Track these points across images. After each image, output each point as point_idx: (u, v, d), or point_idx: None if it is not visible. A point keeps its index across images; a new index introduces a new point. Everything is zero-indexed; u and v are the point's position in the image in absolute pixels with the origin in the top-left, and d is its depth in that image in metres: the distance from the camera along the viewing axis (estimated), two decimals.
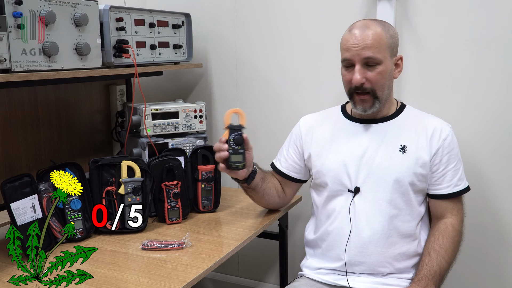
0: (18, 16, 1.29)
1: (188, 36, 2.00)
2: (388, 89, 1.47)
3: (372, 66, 1.41)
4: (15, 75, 1.31)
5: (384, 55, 1.41)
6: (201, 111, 1.89)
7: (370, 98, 1.44)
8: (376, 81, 1.42)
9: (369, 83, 1.42)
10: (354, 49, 1.41)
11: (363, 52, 1.40)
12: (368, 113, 1.48)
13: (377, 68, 1.42)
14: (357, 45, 1.40)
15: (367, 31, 1.41)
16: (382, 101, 1.46)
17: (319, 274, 1.53)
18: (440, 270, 1.42)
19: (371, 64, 1.41)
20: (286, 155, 1.66)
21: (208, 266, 1.33)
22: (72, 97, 1.97)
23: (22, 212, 1.40)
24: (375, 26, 1.42)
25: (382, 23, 1.45)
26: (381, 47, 1.40)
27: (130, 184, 1.57)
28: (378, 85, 1.43)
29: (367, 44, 1.40)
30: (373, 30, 1.41)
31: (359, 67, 1.42)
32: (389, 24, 1.49)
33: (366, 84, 1.43)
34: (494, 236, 1.78)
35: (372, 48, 1.39)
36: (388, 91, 1.47)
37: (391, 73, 1.46)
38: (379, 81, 1.42)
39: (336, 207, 1.50)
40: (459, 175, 1.49)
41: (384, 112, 1.51)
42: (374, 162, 1.46)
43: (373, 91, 1.43)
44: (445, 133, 1.47)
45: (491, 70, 1.70)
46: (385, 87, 1.45)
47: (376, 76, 1.42)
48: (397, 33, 1.49)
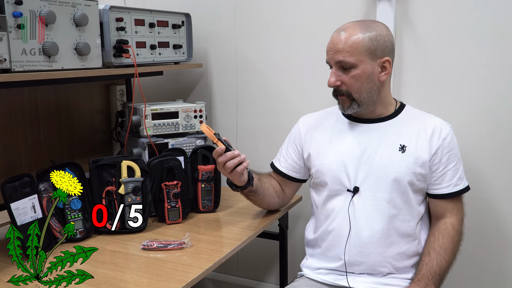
0: (18, 16, 1.29)
1: (188, 36, 2.00)
2: (368, 92, 1.44)
3: (347, 69, 1.42)
4: (15, 75, 1.31)
5: (359, 58, 1.40)
6: (201, 111, 1.89)
7: (347, 99, 1.46)
8: (350, 84, 1.43)
9: (345, 85, 1.44)
10: (330, 52, 1.44)
11: (335, 56, 1.42)
12: (348, 113, 1.51)
13: (351, 72, 1.42)
14: (332, 49, 1.43)
15: (341, 35, 1.41)
16: (362, 104, 1.45)
17: (319, 274, 1.53)
18: (440, 270, 1.42)
19: (345, 67, 1.42)
20: (285, 155, 1.66)
21: (208, 266, 1.33)
22: (72, 97, 1.97)
23: (22, 212, 1.40)
24: (352, 30, 1.41)
25: (367, 25, 1.42)
26: (355, 51, 1.39)
27: (130, 184, 1.57)
28: (353, 88, 1.43)
29: (338, 48, 1.41)
30: (348, 34, 1.40)
31: (335, 69, 1.45)
32: (379, 26, 1.44)
33: (342, 87, 1.45)
34: (494, 236, 1.78)
35: (343, 52, 1.40)
36: (369, 94, 1.44)
37: (371, 76, 1.43)
38: (353, 84, 1.43)
39: (335, 206, 1.50)
40: (459, 175, 1.49)
41: (381, 112, 1.51)
42: (374, 161, 1.46)
43: (348, 93, 1.45)
44: (444, 132, 1.47)
45: (491, 70, 1.70)
46: (362, 90, 1.44)
47: (350, 80, 1.42)
48: (388, 35, 1.44)
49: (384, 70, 1.44)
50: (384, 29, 1.45)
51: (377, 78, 1.44)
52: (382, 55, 1.43)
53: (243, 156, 1.47)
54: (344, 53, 1.40)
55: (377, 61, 1.42)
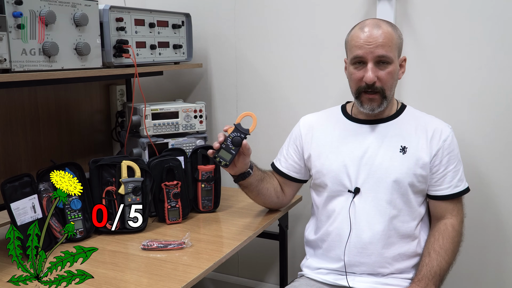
0: (18, 16, 1.29)
1: (188, 36, 2.00)
2: (394, 89, 1.48)
3: (383, 65, 1.41)
4: (15, 75, 1.31)
5: (394, 54, 1.42)
6: (201, 111, 1.89)
7: (379, 98, 1.44)
8: (386, 80, 1.42)
9: (380, 82, 1.42)
10: (367, 46, 1.40)
11: (377, 50, 1.39)
12: (375, 112, 1.47)
13: (388, 68, 1.42)
14: (371, 43, 1.40)
15: (380, 30, 1.41)
16: (388, 101, 1.46)
17: (319, 274, 1.53)
18: (440, 270, 1.42)
19: (384, 62, 1.41)
20: (286, 155, 1.66)
21: (208, 266, 1.33)
22: (72, 97, 1.97)
23: (22, 212, 1.40)
24: (386, 26, 1.43)
25: (391, 23, 1.46)
26: (392, 46, 1.41)
27: (130, 184, 1.57)
28: (387, 85, 1.43)
29: (380, 42, 1.39)
30: (385, 29, 1.41)
31: (372, 65, 1.41)
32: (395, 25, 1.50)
33: (377, 83, 1.42)
34: (494, 236, 1.78)
35: (386, 47, 1.39)
36: (393, 91, 1.48)
37: (397, 73, 1.46)
38: (388, 80, 1.42)
39: (336, 207, 1.50)
40: (459, 176, 1.49)
41: (386, 112, 1.51)
42: (374, 162, 1.46)
43: (382, 91, 1.43)
44: (445, 134, 1.47)
45: (491, 70, 1.70)
46: (393, 87, 1.46)
47: (387, 76, 1.42)
48: (402, 35, 1.50)
49: (402, 69, 1.49)
50: (398, 28, 1.49)
51: (397, 76, 1.47)
52: (402, 53, 1.48)
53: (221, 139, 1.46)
54: (386, 48, 1.39)
55: (399, 59, 1.46)
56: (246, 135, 1.47)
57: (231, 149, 1.45)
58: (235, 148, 1.45)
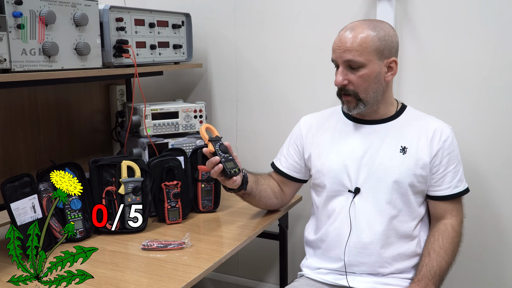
0: (18, 16, 1.29)
1: (188, 36, 2.00)
2: (375, 92, 1.44)
3: (355, 68, 1.41)
4: (15, 75, 1.31)
5: (368, 58, 1.39)
6: (201, 111, 1.89)
7: (353, 99, 1.45)
8: (358, 83, 1.42)
9: (352, 85, 1.43)
10: (337, 51, 1.42)
11: (344, 55, 1.40)
12: (353, 113, 1.49)
13: (360, 71, 1.41)
14: (340, 47, 1.41)
15: (351, 34, 1.40)
16: (368, 103, 1.45)
17: (319, 274, 1.53)
18: (440, 270, 1.42)
19: (353, 67, 1.41)
20: (286, 155, 1.66)
21: (208, 266, 1.33)
22: (72, 97, 1.97)
23: (22, 212, 1.40)
24: (362, 29, 1.40)
25: (374, 25, 1.42)
26: (364, 50, 1.39)
27: (130, 184, 1.57)
28: (360, 88, 1.43)
29: (348, 47, 1.39)
30: (357, 32, 1.39)
31: (342, 69, 1.43)
32: (385, 26, 1.45)
33: (349, 86, 1.43)
34: (494, 237, 1.78)
35: (353, 51, 1.39)
36: (375, 94, 1.44)
37: (379, 76, 1.43)
38: (361, 84, 1.42)
39: (336, 207, 1.50)
40: (459, 177, 1.49)
41: (383, 112, 1.51)
42: (375, 163, 1.46)
43: (355, 93, 1.43)
44: (445, 134, 1.47)
45: (492, 70, 1.70)
46: (369, 90, 1.43)
47: (358, 79, 1.41)
48: (394, 35, 1.45)
49: (390, 71, 1.45)
50: (391, 29, 1.45)
51: (383, 79, 1.44)
52: (389, 55, 1.43)
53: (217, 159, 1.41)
54: (354, 52, 1.39)
55: (384, 61, 1.42)
56: (221, 139, 1.47)
57: (228, 157, 1.45)
58: (228, 154, 1.46)
